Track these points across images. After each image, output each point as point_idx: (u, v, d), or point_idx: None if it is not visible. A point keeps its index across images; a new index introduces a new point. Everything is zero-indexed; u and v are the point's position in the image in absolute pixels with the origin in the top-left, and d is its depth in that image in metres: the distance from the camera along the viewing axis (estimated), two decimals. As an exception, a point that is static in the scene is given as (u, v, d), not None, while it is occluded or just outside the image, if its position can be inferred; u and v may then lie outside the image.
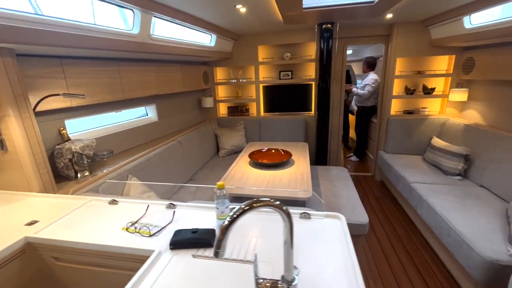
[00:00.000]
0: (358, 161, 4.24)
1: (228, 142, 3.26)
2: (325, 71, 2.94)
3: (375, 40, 3.19)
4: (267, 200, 0.61)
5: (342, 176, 2.55)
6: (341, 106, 3.48)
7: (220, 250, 0.57)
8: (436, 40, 2.80)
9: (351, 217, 1.84)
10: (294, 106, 3.50)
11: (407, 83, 3.17)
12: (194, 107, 3.31)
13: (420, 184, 2.33)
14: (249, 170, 2.17)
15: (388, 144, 3.21)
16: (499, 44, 2.34)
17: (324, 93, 3.01)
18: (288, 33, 3.17)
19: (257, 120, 3.48)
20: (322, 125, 3.14)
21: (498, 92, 2.46)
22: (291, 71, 3.39)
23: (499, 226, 1.67)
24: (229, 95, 3.68)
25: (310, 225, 1.02)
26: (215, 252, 0.57)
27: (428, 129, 3.04)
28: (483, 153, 2.30)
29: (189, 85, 2.97)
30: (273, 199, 0.61)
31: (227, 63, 3.44)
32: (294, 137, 3.35)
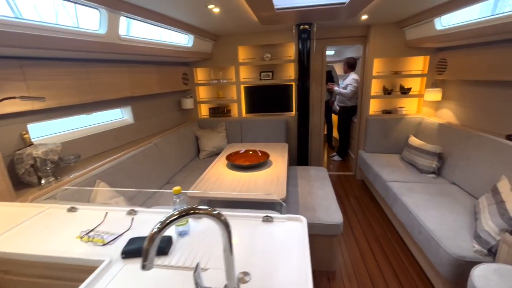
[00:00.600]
0: (340, 160, 4.29)
1: (208, 144, 3.23)
2: (304, 71, 2.95)
3: (353, 41, 3.23)
4: (205, 208, 0.59)
5: (320, 176, 2.56)
6: (321, 107, 3.51)
7: (147, 262, 0.54)
8: (411, 41, 2.86)
9: (325, 217, 1.85)
10: (275, 106, 3.50)
11: (384, 83, 3.22)
12: (174, 109, 3.25)
13: (396, 182, 2.37)
14: (225, 172, 2.14)
15: (368, 143, 3.25)
16: (469, 45, 2.41)
17: (304, 94, 3.02)
18: (267, 34, 3.17)
19: (238, 121, 3.46)
20: (302, 126, 3.15)
21: (469, 91, 2.53)
22: (272, 72, 3.39)
23: (467, 223, 1.71)
24: (210, 96, 3.64)
25: (272, 229, 1.00)
26: (142, 265, 0.54)
27: (405, 128, 3.10)
28: (454, 151, 2.36)
29: (166, 86, 2.91)
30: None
31: (207, 64, 3.40)
32: (275, 138, 3.35)
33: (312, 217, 1.85)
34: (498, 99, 2.22)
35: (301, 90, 3.01)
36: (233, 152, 2.39)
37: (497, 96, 2.23)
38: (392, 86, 3.22)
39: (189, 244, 0.92)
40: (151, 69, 2.65)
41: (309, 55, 2.92)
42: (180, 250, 0.89)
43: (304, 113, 3.10)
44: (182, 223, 0.95)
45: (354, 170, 3.66)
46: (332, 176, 3.69)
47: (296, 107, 3.17)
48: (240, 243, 0.91)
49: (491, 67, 2.14)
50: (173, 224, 0.56)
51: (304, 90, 3.01)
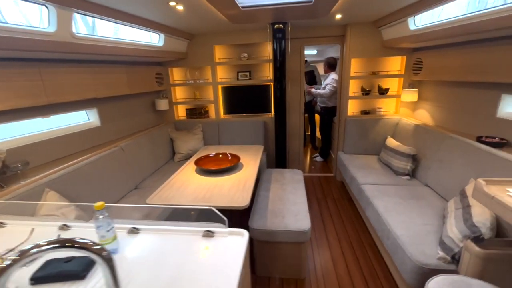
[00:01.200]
0: (322, 161, 4.25)
1: (184, 146, 3.13)
2: (280, 71, 2.88)
3: (331, 41, 3.18)
4: (85, 242, 0.50)
5: (295, 179, 2.50)
6: (301, 107, 3.45)
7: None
8: (388, 41, 2.82)
9: (293, 224, 1.78)
10: (254, 107, 3.43)
11: (363, 84, 3.18)
12: (148, 110, 3.14)
13: (370, 185, 2.33)
14: (192, 177, 2.05)
15: (346, 144, 3.21)
16: (442, 45, 2.39)
17: (280, 94, 2.95)
18: (243, 33, 3.08)
19: (215, 123, 3.37)
20: (279, 127, 3.08)
21: (444, 92, 2.51)
22: (249, 72, 3.31)
23: (435, 228, 1.68)
24: (187, 97, 3.54)
25: (212, 244, 0.93)
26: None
27: (383, 129, 3.07)
28: (428, 152, 2.33)
29: (138, 87, 2.80)
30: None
31: (183, 64, 3.30)
32: (253, 140, 3.28)
33: (279, 224, 1.78)
34: (469, 100, 2.20)
35: (277, 90, 2.94)
36: (202, 156, 2.30)
37: (468, 97, 2.21)
38: (370, 86, 3.18)
39: (118, 266, 0.83)
40: (120, 69, 2.54)
41: (285, 55, 2.85)
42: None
43: (281, 114, 3.03)
44: (106, 241, 0.86)
45: (334, 172, 3.62)
46: (313, 177, 3.65)
47: (273, 108, 3.10)
48: (169, 263, 0.83)
49: (462, 68, 2.12)
50: (35, 258, 0.48)
51: (281, 91, 2.95)
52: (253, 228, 1.78)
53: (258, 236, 1.79)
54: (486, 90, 2.04)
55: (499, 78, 1.83)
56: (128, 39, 2.30)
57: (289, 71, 3.25)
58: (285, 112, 3.06)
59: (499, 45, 1.82)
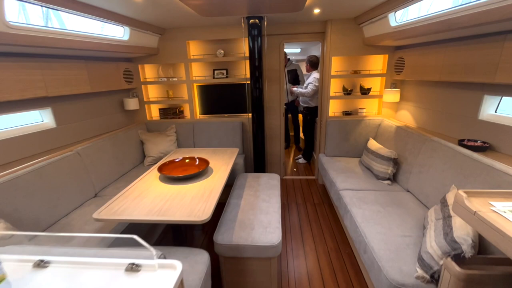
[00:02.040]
0: (305, 163, 4.11)
1: (154, 149, 2.91)
2: (257, 70, 2.70)
3: (311, 38, 3.03)
4: None
5: (270, 184, 2.33)
6: (281, 107, 3.29)
7: None
8: (369, 38, 2.70)
9: (262, 237, 1.61)
10: (231, 107, 3.24)
11: (344, 83, 3.05)
12: (115, 110, 2.90)
13: (349, 191, 2.19)
14: (154, 185, 1.85)
15: (328, 146, 3.08)
16: (424, 43, 2.28)
17: (257, 94, 2.78)
18: (219, 28, 2.89)
19: (190, 124, 3.16)
20: (257, 128, 2.91)
21: (426, 92, 2.41)
22: (226, 70, 3.12)
23: (415, 239, 1.55)
24: (161, 96, 3.31)
25: (136, 283, 0.74)
26: None
27: (365, 130, 2.95)
28: (409, 156, 2.22)
29: (102, 85, 2.56)
30: None
31: (154, 60, 3.07)
32: (230, 142, 3.10)
33: (246, 238, 1.61)
34: (451, 101, 2.09)
35: (255, 90, 2.77)
36: (167, 161, 2.09)
37: (450, 97, 2.10)
38: (352, 86, 3.06)
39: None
40: (78, 65, 2.30)
41: (261, 52, 2.68)
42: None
43: (259, 114, 2.86)
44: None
45: (316, 174, 3.49)
46: (295, 180, 3.51)
47: (250, 108, 2.92)
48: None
49: (444, 67, 2.01)
50: None
51: (258, 90, 2.77)
52: (218, 243, 1.60)
53: (224, 252, 1.61)
54: (468, 90, 1.94)
55: (481, 78, 1.72)
56: (84, 32, 2.07)
57: (268, 69, 3.10)
58: (263, 112, 2.90)
59: (481, 43, 1.71)
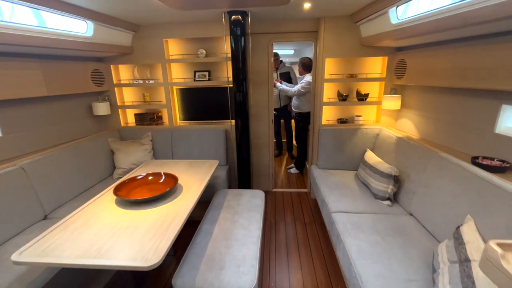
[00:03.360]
0: (298, 173, 3.80)
1: (126, 160, 2.59)
2: (240, 72, 2.40)
3: (303, 37, 2.74)
4: None
5: (252, 205, 2.02)
6: (269, 113, 2.99)
7: None
8: (367, 38, 2.41)
9: (231, 279, 1.30)
10: (214, 113, 2.94)
11: (339, 88, 2.76)
12: (82, 116, 2.58)
13: (343, 214, 1.88)
14: (107, 209, 1.53)
15: (321, 157, 2.77)
16: (430, 44, 1.99)
17: (241, 98, 2.48)
18: (199, 25, 2.59)
19: (168, 131, 2.85)
20: (241, 136, 2.60)
21: (431, 100, 2.12)
22: (209, 72, 2.82)
23: (422, 284, 1.24)
24: (137, 100, 3.00)
25: None
26: None
27: (362, 141, 2.65)
28: (412, 173, 1.92)
29: (62, 88, 2.24)
30: None
31: (128, 60, 2.76)
32: (213, 151, 2.79)
33: (212, 281, 1.29)
34: (462, 111, 1.80)
35: (238, 94, 2.46)
36: (127, 179, 1.77)
37: (461, 106, 1.81)
38: (348, 91, 2.77)
39: None
40: (30, 65, 1.98)
41: (245, 52, 2.38)
42: None
43: (243, 121, 2.55)
44: None
45: (309, 187, 3.18)
46: (285, 194, 3.19)
47: (233, 114, 2.61)
48: None
49: (453, 71, 1.72)
50: None
51: (242, 94, 2.47)
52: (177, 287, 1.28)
53: (185, 297, 1.29)
54: (482, 99, 1.64)
55: (499, 85, 1.43)
56: (37, 26, 1.75)
57: (254, 71, 2.80)
58: (248, 119, 2.59)
59: (501, 42, 1.42)
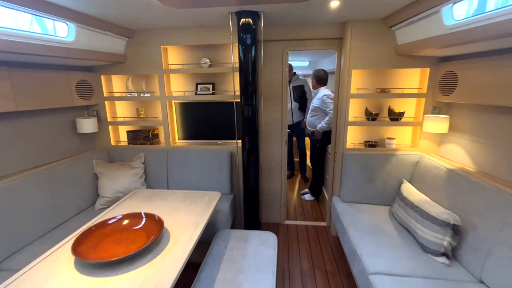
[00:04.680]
0: (313, 200, 3.31)
1: (111, 187, 2.17)
2: (249, 84, 1.99)
3: (324, 45, 2.32)
4: None
5: (263, 257, 1.54)
6: (283, 133, 2.55)
7: None
8: (403, 46, 1.97)
9: None
10: (218, 132, 2.52)
11: (367, 105, 2.31)
12: (65, 134, 2.20)
13: (385, 277, 1.39)
14: (60, 274, 1.10)
15: (345, 188, 2.28)
16: (491, 52, 1.53)
17: (250, 115, 2.05)
18: (202, 31, 2.22)
19: (164, 152, 2.44)
20: (249, 159, 2.15)
21: (492, 122, 1.63)
22: (212, 84, 2.42)
23: None
24: (131, 115, 2.62)
25: None
26: None
27: (397, 169, 2.16)
28: (481, 224, 1.41)
29: (37, 101, 1.88)
30: None
31: (121, 70, 2.40)
32: (215, 178, 2.35)
33: None
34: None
35: (246, 109, 2.04)
36: (93, 226, 1.33)
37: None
38: (378, 109, 2.31)
39: None
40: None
41: (256, 62, 1.97)
42: None
43: (252, 141, 2.11)
44: None
45: (328, 220, 2.68)
46: (300, 228, 2.69)
47: (240, 133, 2.17)
48: None
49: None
50: None
51: (251, 111, 2.04)
52: None
53: None
54: None
55: None
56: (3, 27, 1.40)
57: (266, 84, 2.39)
58: (258, 139, 2.16)
59: None
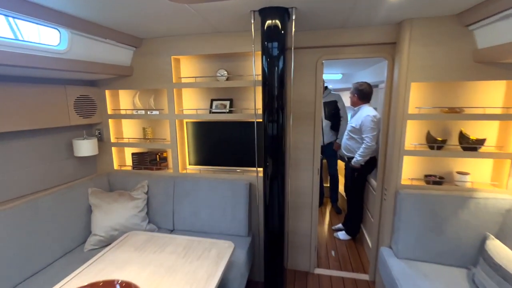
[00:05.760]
0: (349, 240, 2.72)
1: (105, 222, 1.79)
2: (275, 101, 1.54)
3: (370, 52, 1.84)
4: None
5: None
6: (315, 159, 2.05)
7: None
8: (487, 51, 1.44)
9: None
10: (235, 157, 2.09)
11: (430, 129, 1.76)
12: (60, 157, 1.90)
13: None
14: None
15: (399, 239, 1.71)
16: None
17: (274, 136, 1.59)
18: (219, 37, 1.85)
19: (171, 179, 2.04)
20: (272, 192, 1.67)
21: None
22: (230, 100, 2.02)
23: None
24: (137, 136, 2.28)
25: None
26: None
27: (477, 218, 1.56)
28: None
29: (23, 121, 1.58)
30: None
31: (127, 84, 2.08)
32: (229, 215, 1.90)
33: None
34: None
35: (269, 131, 1.59)
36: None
37: None
38: (445, 133, 1.75)
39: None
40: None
41: (284, 73, 1.53)
42: None
43: (276, 170, 1.63)
44: None
45: (372, 274, 2.08)
46: (335, 280, 2.13)
47: (262, 160, 1.71)
48: None
49: None
50: None
51: (276, 131, 1.58)
52: None
53: None
54: None
55: None
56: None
57: (294, 101, 1.94)
58: (284, 167, 1.68)
59: None
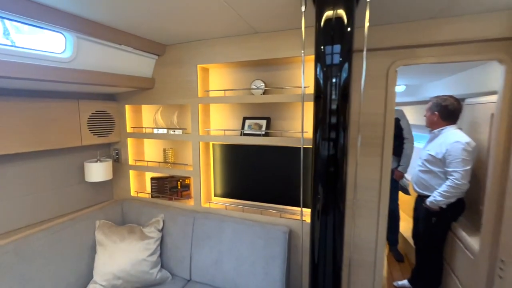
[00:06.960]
0: (420, 305, 2.02)
1: (108, 268, 1.45)
2: (336, 119, 1.05)
3: (474, 52, 1.26)
4: None
5: None
6: (382, 202, 1.48)
7: None
8: None
9: None
10: (272, 192, 1.62)
11: None
12: (68, 182, 1.65)
13: None
14: None
15: None
16: None
17: (327, 167, 1.08)
18: (256, 40, 1.45)
19: (190, 215, 1.65)
20: (322, 245, 1.14)
21: None
22: (268, 119, 1.58)
23: None
24: (158, 158, 1.97)
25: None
26: None
27: None
28: None
29: (22, 142, 1.35)
30: None
31: (148, 98, 1.79)
32: (260, 271, 1.42)
33: None
34: None
35: (321, 160, 1.09)
36: None
37: None
38: None
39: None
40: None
41: (347, 84, 1.04)
42: None
43: (330, 215, 1.11)
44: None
45: None
46: None
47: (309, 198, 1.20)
48: None
49: None
50: None
51: (331, 161, 1.08)
52: None
53: None
54: None
55: None
56: None
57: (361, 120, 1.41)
58: (342, 212, 1.14)
59: None
